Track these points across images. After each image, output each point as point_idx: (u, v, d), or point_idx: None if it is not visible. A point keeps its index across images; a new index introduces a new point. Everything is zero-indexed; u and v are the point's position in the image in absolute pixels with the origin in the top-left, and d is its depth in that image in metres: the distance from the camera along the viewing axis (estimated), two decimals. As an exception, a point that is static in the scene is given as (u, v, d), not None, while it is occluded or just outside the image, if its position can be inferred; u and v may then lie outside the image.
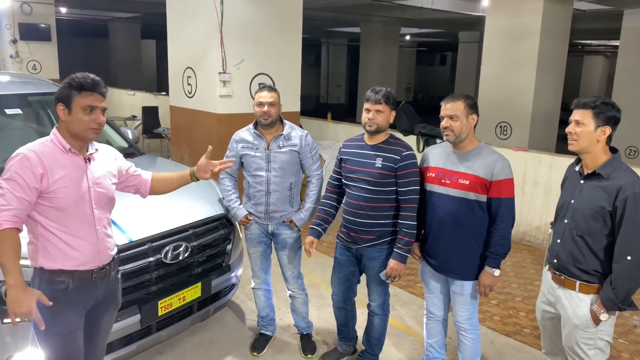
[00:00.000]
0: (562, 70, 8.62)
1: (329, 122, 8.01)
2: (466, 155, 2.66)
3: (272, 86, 3.21)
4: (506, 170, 2.60)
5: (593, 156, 2.28)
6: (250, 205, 3.24)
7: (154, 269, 2.89)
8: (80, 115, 2.10)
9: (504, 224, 2.63)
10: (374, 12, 13.19)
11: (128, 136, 4.25)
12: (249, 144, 3.19)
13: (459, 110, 2.60)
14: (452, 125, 2.61)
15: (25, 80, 4.46)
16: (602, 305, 2.24)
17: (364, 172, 2.83)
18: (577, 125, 2.25)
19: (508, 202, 2.61)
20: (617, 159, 2.28)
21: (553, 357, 2.63)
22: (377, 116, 2.79)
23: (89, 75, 2.13)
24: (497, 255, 2.64)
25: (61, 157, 2.11)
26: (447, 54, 26.20)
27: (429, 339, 3.05)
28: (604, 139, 2.25)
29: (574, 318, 2.32)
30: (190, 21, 6.26)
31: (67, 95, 2.11)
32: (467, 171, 2.61)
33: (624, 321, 4.00)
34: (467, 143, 2.67)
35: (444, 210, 2.68)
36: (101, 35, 19.30)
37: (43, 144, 2.11)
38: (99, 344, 2.39)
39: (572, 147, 2.30)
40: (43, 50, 11.18)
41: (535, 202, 5.59)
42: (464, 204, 2.63)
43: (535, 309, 2.64)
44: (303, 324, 3.50)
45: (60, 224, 2.09)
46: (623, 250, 2.17)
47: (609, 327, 2.31)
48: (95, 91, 2.11)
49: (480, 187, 2.59)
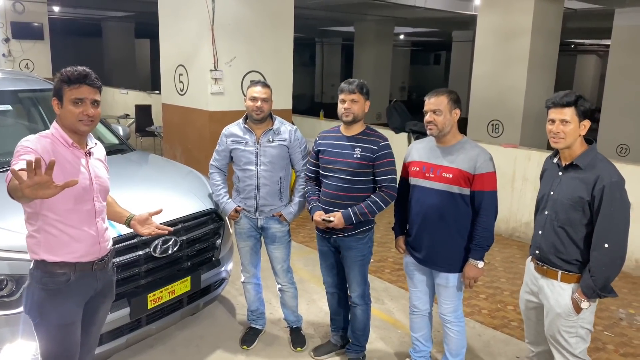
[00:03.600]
0: (553, 68, 8.68)
1: (321, 120, 8.05)
2: (449, 149, 2.71)
3: (265, 82, 3.24)
4: (488, 164, 2.64)
5: (572, 149, 2.33)
6: (240, 199, 3.27)
7: (143, 262, 2.91)
8: (69, 107, 2.10)
9: (487, 217, 2.66)
10: (367, 11, 13.23)
11: (119, 132, 4.27)
12: (239, 138, 3.22)
13: (442, 104, 2.64)
14: (436, 120, 2.65)
15: (16, 77, 4.47)
16: (582, 293, 2.29)
17: (342, 163, 2.90)
18: (564, 124, 2.28)
19: (491, 195, 2.65)
20: (594, 149, 2.33)
21: (536, 346, 2.67)
22: (353, 105, 2.86)
23: (78, 68, 2.13)
24: (481, 248, 2.69)
25: (63, 151, 2.12)
26: (441, 53, 26.29)
27: (415, 332, 3.09)
28: (584, 133, 2.30)
29: (556, 307, 2.37)
30: (182, 19, 6.27)
31: (58, 89, 2.12)
32: (451, 165, 2.66)
33: (610, 314, 4.05)
34: (450, 137, 2.71)
35: (428, 204, 2.73)
36: (95, 34, 19.25)
37: (45, 137, 2.11)
38: (94, 335, 2.41)
39: (558, 144, 2.32)
40: (36, 49, 11.15)
41: (525, 198, 5.64)
42: (447, 197, 2.67)
43: (519, 300, 2.68)
44: (292, 318, 3.53)
45: (63, 216, 2.10)
46: (601, 238, 2.23)
47: (590, 315, 2.36)
48: (83, 83, 2.11)
49: (463, 180, 2.63)
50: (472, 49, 9.38)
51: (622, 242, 2.25)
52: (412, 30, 18.19)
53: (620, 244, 2.24)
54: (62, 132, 2.14)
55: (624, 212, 2.24)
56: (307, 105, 17.73)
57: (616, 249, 2.23)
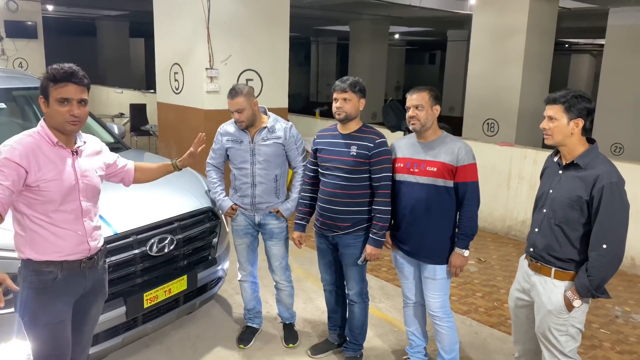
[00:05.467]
0: (548, 67, 8.71)
1: (317, 119, 8.05)
2: (431, 144, 2.79)
3: (237, 90, 3.08)
4: (470, 156, 2.74)
5: (570, 148, 2.33)
6: (237, 197, 3.26)
7: (139, 261, 2.89)
8: (55, 107, 2.05)
9: (471, 206, 2.76)
10: (362, 10, 13.22)
11: (114, 131, 4.24)
12: (234, 137, 3.21)
13: (424, 100, 2.73)
14: (418, 115, 2.74)
15: (10, 74, 4.43)
16: (575, 291, 2.28)
17: (339, 161, 2.90)
18: (550, 120, 2.32)
19: (473, 186, 2.75)
20: (595, 149, 2.33)
21: (522, 345, 2.66)
22: (345, 104, 2.86)
23: (64, 66, 2.07)
24: (466, 236, 2.78)
25: (48, 150, 2.08)
26: (436, 53, 26.32)
27: (409, 326, 3.11)
28: (577, 131, 2.30)
29: (547, 304, 2.37)
30: (177, 17, 6.24)
31: (44, 87, 2.07)
32: (434, 159, 2.75)
33: (606, 312, 4.07)
34: (431, 133, 2.80)
35: (415, 198, 2.79)
36: (89, 33, 19.13)
37: (30, 136, 2.09)
38: (87, 334, 2.39)
39: (548, 141, 2.39)
40: (29, 48, 11.10)
41: (521, 196, 5.65)
42: (433, 190, 2.76)
43: (509, 297, 2.69)
44: (287, 315, 3.53)
45: (47, 216, 2.08)
46: (599, 239, 2.22)
47: (581, 315, 2.35)
48: (69, 81, 2.04)
49: (447, 173, 2.73)
50: (467, 49, 9.39)
51: (620, 244, 2.25)
52: (407, 30, 18.19)
53: (618, 245, 2.24)
54: (48, 131, 2.10)
55: (622, 213, 2.23)
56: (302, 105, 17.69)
57: (614, 250, 2.22)
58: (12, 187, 1.97)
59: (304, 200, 3.16)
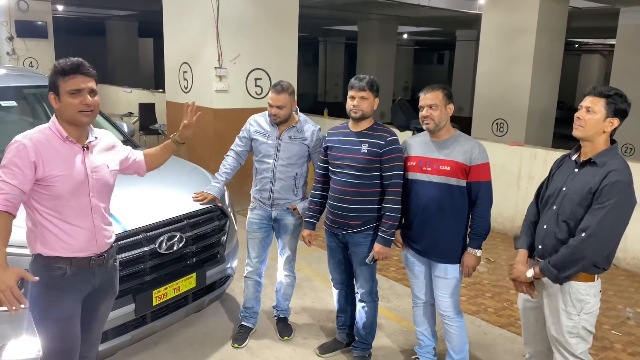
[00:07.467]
0: (558, 67, 8.64)
1: (325, 118, 8.04)
2: (444, 143, 2.76)
3: (282, 86, 3.14)
4: (483, 155, 2.71)
5: (594, 145, 2.27)
6: (256, 190, 3.30)
7: (148, 258, 2.90)
8: (67, 99, 2.08)
9: (484, 206, 2.74)
10: (371, 10, 13.21)
11: (123, 129, 4.26)
12: (262, 129, 3.25)
13: (438, 99, 2.71)
14: (432, 114, 2.71)
15: (20, 73, 4.47)
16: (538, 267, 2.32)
17: (350, 159, 2.89)
18: (587, 112, 2.24)
19: (487, 185, 2.73)
20: (615, 149, 2.29)
21: (533, 346, 2.64)
22: (362, 103, 2.85)
23: (71, 59, 2.11)
24: (479, 236, 2.76)
25: (59, 146, 2.10)
26: (444, 53, 26.21)
27: (419, 326, 3.09)
28: (609, 131, 2.25)
29: (557, 305, 2.33)
30: (187, 16, 6.26)
31: (53, 82, 2.10)
32: (447, 158, 2.72)
33: (617, 313, 4.03)
34: (444, 132, 2.78)
35: (428, 196, 2.77)
36: (98, 33, 19.25)
37: (41, 132, 2.11)
38: (96, 331, 2.40)
39: (577, 132, 2.28)
40: (40, 47, 11.17)
41: (531, 196, 5.47)
42: (446, 190, 2.73)
43: (518, 299, 2.66)
44: (284, 306, 3.55)
45: (57, 211, 2.09)
46: (582, 227, 2.19)
47: (591, 317, 2.32)
48: (77, 73, 2.08)
49: (460, 172, 2.70)
50: (476, 48, 9.35)
51: (601, 242, 2.19)
52: (415, 30, 18.15)
53: (597, 242, 2.17)
54: (59, 126, 2.12)
55: (618, 213, 2.16)
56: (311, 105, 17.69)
57: (589, 245, 2.16)
58: (21, 186, 1.99)
59: (314, 198, 3.16)
